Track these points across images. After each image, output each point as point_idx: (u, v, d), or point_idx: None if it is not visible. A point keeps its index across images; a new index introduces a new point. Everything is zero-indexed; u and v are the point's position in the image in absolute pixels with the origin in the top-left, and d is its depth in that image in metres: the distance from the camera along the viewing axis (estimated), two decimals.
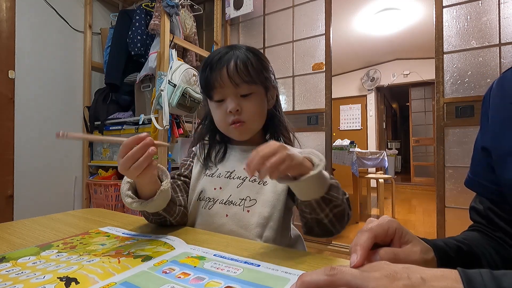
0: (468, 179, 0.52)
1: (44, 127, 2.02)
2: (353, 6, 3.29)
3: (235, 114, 0.61)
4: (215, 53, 0.64)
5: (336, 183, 0.50)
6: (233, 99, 0.61)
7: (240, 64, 0.60)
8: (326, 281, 0.26)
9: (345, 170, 3.07)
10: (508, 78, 0.45)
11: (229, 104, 0.61)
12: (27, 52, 1.93)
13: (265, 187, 0.62)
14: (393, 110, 7.33)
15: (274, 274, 0.37)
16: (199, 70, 1.91)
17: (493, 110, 0.46)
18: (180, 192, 0.66)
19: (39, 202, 1.98)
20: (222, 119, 0.64)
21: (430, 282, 0.24)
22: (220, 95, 0.62)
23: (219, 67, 0.61)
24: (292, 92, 2.17)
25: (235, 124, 0.62)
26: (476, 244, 0.43)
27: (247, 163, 0.40)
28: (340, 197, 0.50)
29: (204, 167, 0.69)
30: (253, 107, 0.63)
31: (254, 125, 0.66)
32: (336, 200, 0.49)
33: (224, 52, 0.62)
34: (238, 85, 0.61)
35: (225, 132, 0.67)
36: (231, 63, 0.60)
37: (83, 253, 0.44)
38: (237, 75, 0.60)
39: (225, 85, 0.61)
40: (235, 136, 0.66)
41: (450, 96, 1.62)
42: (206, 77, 0.62)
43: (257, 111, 0.64)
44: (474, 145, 0.51)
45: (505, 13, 1.51)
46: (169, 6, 1.81)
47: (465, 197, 1.55)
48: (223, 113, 0.63)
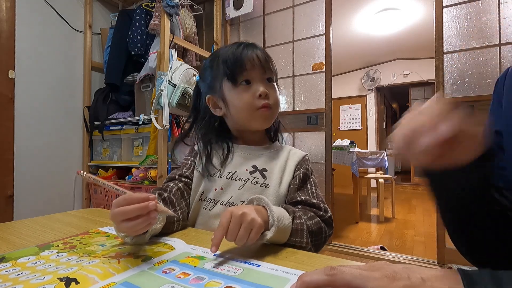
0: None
1: (44, 127, 2.02)
2: (353, 6, 3.29)
3: (265, 98, 0.62)
4: (231, 44, 0.65)
5: (299, 226, 0.51)
6: (262, 82, 0.62)
7: (263, 53, 0.63)
8: (326, 281, 0.26)
9: (345, 170, 3.07)
10: None
11: (259, 87, 0.61)
12: (27, 52, 1.93)
13: (267, 190, 0.62)
14: (393, 110, 7.33)
15: (274, 274, 0.37)
16: (199, 70, 1.91)
17: (508, 96, 0.46)
18: (179, 204, 0.61)
19: (39, 202, 1.98)
20: (248, 104, 0.62)
21: (430, 282, 0.24)
22: (247, 76, 0.62)
23: (249, 51, 0.62)
24: (292, 92, 2.17)
25: (264, 108, 0.62)
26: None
27: (213, 241, 0.41)
28: (304, 240, 0.51)
29: (204, 173, 0.65)
30: (276, 93, 0.65)
31: (277, 112, 0.67)
32: (299, 245, 0.50)
33: (241, 43, 0.64)
34: (265, 70, 0.62)
35: (247, 119, 0.64)
36: (257, 50, 0.62)
37: (83, 253, 0.44)
38: (265, 60, 0.62)
39: (256, 67, 0.61)
40: (259, 123, 0.65)
41: (450, 96, 1.62)
42: (238, 55, 0.61)
43: (279, 98, 0.66)
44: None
45: (505, 13, 1.51)
46: (169, 6, 1.81)
47: None
48: (250, 96, 0.62)
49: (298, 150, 0.72)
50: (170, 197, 0.61)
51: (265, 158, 0.67)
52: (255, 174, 0.64)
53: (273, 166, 0.65)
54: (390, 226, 2.75)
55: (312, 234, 0.53)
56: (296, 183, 0.63)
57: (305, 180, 0.65)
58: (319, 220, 0.56)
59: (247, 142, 0.70)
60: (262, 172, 0.64)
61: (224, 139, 0.69)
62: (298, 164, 0.67)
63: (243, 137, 0.70)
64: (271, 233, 0.45)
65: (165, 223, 0.52)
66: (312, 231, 0.53)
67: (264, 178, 0.63)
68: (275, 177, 0.64)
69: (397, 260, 1.82)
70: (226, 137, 0.69)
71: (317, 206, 0.59)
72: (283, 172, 0.65)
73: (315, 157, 2.03)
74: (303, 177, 0.65)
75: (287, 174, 0.65)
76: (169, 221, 0.54)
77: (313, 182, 0.66)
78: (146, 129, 1.94)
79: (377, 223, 2.86)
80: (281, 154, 0.69)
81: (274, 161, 0.66)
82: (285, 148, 0.71)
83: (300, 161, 0.67)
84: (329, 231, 0.58)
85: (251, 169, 0.65)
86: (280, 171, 0.65)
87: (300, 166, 0.67)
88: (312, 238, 0.53)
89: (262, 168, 0.65)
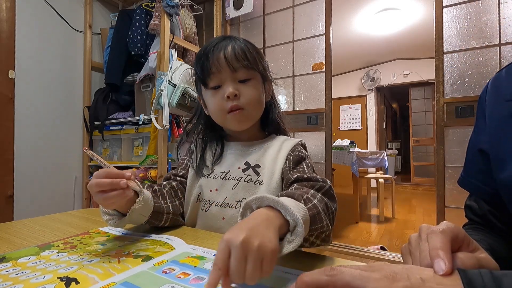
0: (461, 178, 0.53)
1: (44, 127, 2.02)
2: (353, 6, 3.29)
3: (233, 99, 0.58)
4: (211, 41, 0.62)
5: (314, 209, 0.42)
6: (231, 83, 0.58)
7: (238, 49, 0.58)
8: (326, 281, 0.26)
9: (345, 170, 3.07)
10: (502, 77, 0.45)
11: (227, 88, 0.58)
12: (27, 52, 1.93)
13: (260, 187, 0.60)
14: (393, 110, 7.33)
15: (274, 274, 0.37)
16: None
17: (490, 110, 0.46)
18: (170, 198, 0.62)
19: (39, 202, 1.98)
20: (218, 107, 0.60)
21: (429, 283, 0.24)
22: (216, 81, 0.59)
23: (216, 52, 0.58)
24: (292, 92, 2.17)
25: (233, 112, 0.59)
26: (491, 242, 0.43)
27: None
28: (324, 223, 0.43)
29: (198, 172, 0.65)
30: (252, 92, 0.60)
31: (253, 112, 0.62)
32: (320, 230, 0.43)
33: (221, 39, 0.60)
34: (236, 70, 0.58)
35: (221, 123, 0.64)
36: (229, 48, 0.58)
37: (83, 253, 0.44)
38: (235, 59, 0.58)
39: (223, 70, 0.58)
40: (233, 126, 0.62)
41: (450, 96, 1.62)
42: (203, 63, 0.59)
43: (256, 97, 0.61)
44: (468, 145, 0.51)
45: (505, 13, 1.51)
46: (169, 6, 1.81)
47: (465, 197, 1.54)
48: (220, 99, 0.59)
49: (293, 139, 0.67)
50: (161, 190, 0.62)
51: (258, 154, 0.64)
52: (248, 171, 0.62)
53: (266, 160, 0.63)
54: (390, 226, 2.75)
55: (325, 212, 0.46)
56: (289, 166, 0.59)
57: (299, 162, 0.60)
58: (321, 197, 0.48)
59: (239, 138, 0.68)
60: (255, 168, 0.62)
61: (216, 137, 0.69)
62: (290, 150, 0.63)
63: (234, 135, 0.69)
64: (300, 237, 0.36)
65: (152, 212, 0.54)
66: (322, 209, 0.45)
67: (258, 175, 0.61)
68: (267, 171, 0.61)
69: (397, 260, 1.82)
70: (220, 135, 0.69)
71: (313, 178, 0.53)
72: (274, 162, 0.61)
73: (315, 157, 2.03)
74: (296, 160, 0.60)
75: (279, 163, 0.61)
76: (157, 210, 0.55)
77: (309, 164, 0.61)
78: (146, 129, 1.94)
79: (377, 223, 2.85)
80: (273, 145, 0.65)
81: (267, 154, 0.63)
82: (279, 138, 0.67)
83: (292, 147, 0.63)
84: (332, 204, 0.50)
85: (243, 167, 0.63)
86: (272, 162, 0.62)
87: (292, 151, 0.62)
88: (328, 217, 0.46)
89: (255, 164, 0.62)
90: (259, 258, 0.31)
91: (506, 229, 0.45)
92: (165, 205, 0.59)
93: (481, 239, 0.42)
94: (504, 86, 0.44)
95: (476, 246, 0.32)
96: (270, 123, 0.69)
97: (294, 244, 0.35)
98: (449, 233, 0.30)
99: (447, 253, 0.27)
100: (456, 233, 0.30)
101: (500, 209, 0.45)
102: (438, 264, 0.26)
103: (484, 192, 0.47)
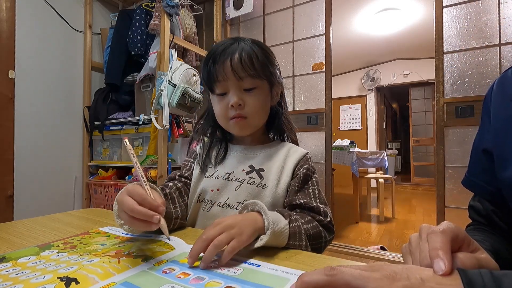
0: (465, 178, 0.53)
1: (44, 127, 2.02)
2: (353, 6, 3.29)
3: (237, 108, 0.59)
4: (219, 44, 0.61)
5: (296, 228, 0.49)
6: (236, 92, 0.59)
7: (245, 56, 0.58)
8: (326, 281, 0.26)
9: (345, 170, 3.07)
10: (508, 77, 0.45)
11: (232, 98, 0.59)
12: (27, 52, 1.93)
13: (264, 191, 0.60)
14: (393, 110, 7.33)
15: (274, 274, 0.37)
16: (199, 70, 1.91)
17: (495, 110, 0.46)
18: (178, 202, 0.62)
19: (39, 202, 1.98)
20: (222, 113, 0.61)
21: (429, 282, 0.24)
22: (222, 88, 0.60)
23: (223, 59, 0.58)
24: (292, 92, 2.17)
25: (235, 119, 0.60)
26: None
27: (190, 253, 0.39)
28: (303, 243, 0.49)
29: (202, 170, 0.67)
30: (256, 102, 0.61)
31: (256, 121, 0.63)
32: (299, 248, 0.48)
33: (229, 44, 0.60)
34: (241, 78, 0.58)
35: (225, 127, 0.65)
36: (236, 55, 0.58)
37: (83, 253, 0.44)
38: (241, 68, 0.58)
39: (228, 78, 0.58)
40: (235, 132, 0.64)
41: (450, 96, 1.62)
42: (209, 69, 0.60)
43: (260, 106, 0.62)
44: (473, 145, 0.51)
45: (505, 13, 1.51)
46: (169, 6, 1.81)
47: (465, 197, 1.55)
48: (225, 107, 0.60)
49: (300, 148, 0.68)
50: (171, 194, 0.63)
51: (262, 157, 0.65)
52: (251, 174, 0.62)
53: (271, 165, 0.63)
54: (390, 226, 2.75)
55: (311, 238, 0.52)
56: (295, 185, 0.60)
57: (306, 181, 0.62)
58: (317, 224, 0.54)
59: (243, 141, 0.69)
60: (259, 172, 0.63)
61: (223, 137, 0.70)
62: (298, 163, 0.63)
63: (237, 137, 0.69)
64: (267, 236, 0.44)
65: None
66: (309, 234, 0.52)
67: (261, 178, 0.62)
68: (273, 177, 0.62)
69: (397, 260, 1.82)
70: (226, 135, 0.70)
71: (316, 210, 0.57)
72: (281, 171, 0.62)
73: (315, 157, 2.03)
74: (303, 178, 0.61)
75: (285, 174, 0.62)
76: (167, 217, 0.55)
77: (315, 182, 0.63)
78: (146, 129, 1.94)
79: (377, 223, 2.86)
80: (280, 152, 0.66)
81: (272, 160, 0.64)
82: (285, 146, 0.68)
83: (300, 160, 0.64)
84: (329, 236, 0.56)
85: (247, 169, 0.63)
86: (278, 170, 0.62)
87: (301, 166, 0.63)
88: (311, 242, 0.52)
89: (259, 168, 0.63)
90: (230, 236, 0.40)
91: (509, 229, 0.45)
92: (174, 209, 0.59)
93: (483, 239, 0.42)
94: (509, 86, 0.44)
95: (476, 247, 0.32)
96: (275, 128, 0.71)
97: (261, 242, 0.44)
98: (449, 233, 0.30)
99: (447, 253, 0.27)
100: (457, 233, 0.31)
101: (504, 209, 0.45)
102: (438, 264, 0.26)
103: (488, 192, 0.47)
